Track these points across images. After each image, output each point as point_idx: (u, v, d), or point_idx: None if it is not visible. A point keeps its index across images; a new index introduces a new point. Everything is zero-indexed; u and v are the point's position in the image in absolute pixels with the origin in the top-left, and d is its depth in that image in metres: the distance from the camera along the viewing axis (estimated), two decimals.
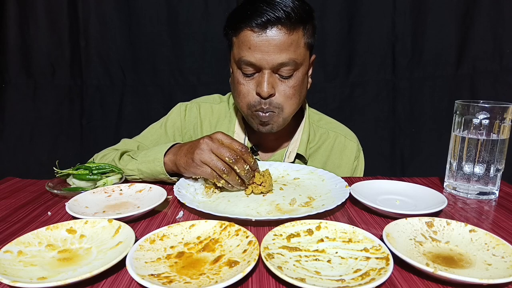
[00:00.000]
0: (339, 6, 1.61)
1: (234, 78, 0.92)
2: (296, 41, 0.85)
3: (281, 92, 0.88)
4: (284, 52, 0.84)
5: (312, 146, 1.05)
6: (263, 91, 0.86)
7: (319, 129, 1.08)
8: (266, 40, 0.83)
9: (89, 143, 1.74)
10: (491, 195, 0.77)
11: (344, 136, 1.08)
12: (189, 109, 1.09)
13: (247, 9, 0.84)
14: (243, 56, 0.85)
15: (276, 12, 0.81)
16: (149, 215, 0.68)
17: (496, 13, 1.54)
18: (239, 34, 0.86)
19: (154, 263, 0.49)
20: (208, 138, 0.75)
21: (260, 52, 0.84)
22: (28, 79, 1.69)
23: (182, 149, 0.79)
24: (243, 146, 0.75)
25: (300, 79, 0.90)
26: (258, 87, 0.87)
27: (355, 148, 1.08)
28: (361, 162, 1.10)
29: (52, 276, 0.46)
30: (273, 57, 0.84)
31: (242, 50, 0.86)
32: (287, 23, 0.82)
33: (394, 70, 1.66)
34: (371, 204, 0.67)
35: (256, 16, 0.82)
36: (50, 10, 1.64)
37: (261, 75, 0.87)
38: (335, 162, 1.06)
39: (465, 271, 0.48)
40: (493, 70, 1.58)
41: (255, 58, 0.84)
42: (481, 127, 0.74)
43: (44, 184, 0.79)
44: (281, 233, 0.56)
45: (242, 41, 0.86)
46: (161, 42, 1.66)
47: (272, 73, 0.87)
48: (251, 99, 0.89)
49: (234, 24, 0.87)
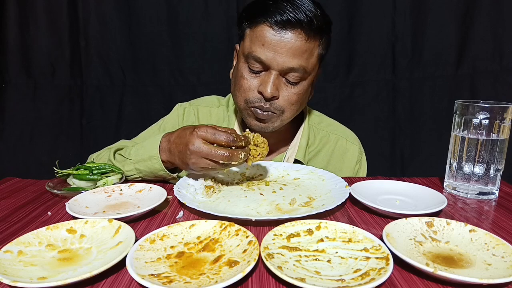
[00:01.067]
0: (339, 6, 1.61)
1: (238, 71, 0.89)
2: (311, 49, 0.83)
3: (284, 97, 0.86)
4: (297, 57, 0.81)
5: (312, 150, 1.03)
6: (267, 92, 0.83)
7: (319, 132, 1.05)
8: (282, 41, 0.80)
9: (89, 143, 1.74)
10: (491, 195, 0.77)
11: (346, 139, 1.06)
12: (187, 113, 1.07)
13: (269, 4, 0.81)
14: (254, 52, 0.83)
15: (299, 14, 0.78)
16: (149, 215, 0.68)
17: (496, 13, 1.54)
18: (255, 28, 0.83)
19: (154, 263, 0.49)
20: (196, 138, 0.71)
21: (273, 51, 0.81)
22: (28, 79, 1.69)
23: (173, 147, 0.77)
24: (227, 133, 0.71)
25: (305, 88, 0.88)
26: (262, 86, 0.84)
27: (357, 151, 1.05)
28: (364, 165, 1.08)
29: (52, 276, 0.46)
30: (285, 60, 0.81)
31: (254, 44, 0.83)
32: (307, 28, 0.80)
33: (394, 70, 1.66)
34: (371, 204, 0.67)
35: (278, 14, 0.79)
36: (50, 10, 1.64)
37: (267, 74, 0.84)
38: (336, 165, 1.04)
39: (465, 271, 0.48)
40: (493, 70, 1.58)
41: (266, 56, 0.82)
42: (481, 127, 0.74)
43: (44, 184, 0.79)
44: (281, 233, 0.56)
45: (256, 35, 0.83)
46: (161, 42, 1.66)
47: (279, 75, 0.84)
48: (251, 95, 0.87)
49: (252, 16, 0.84)
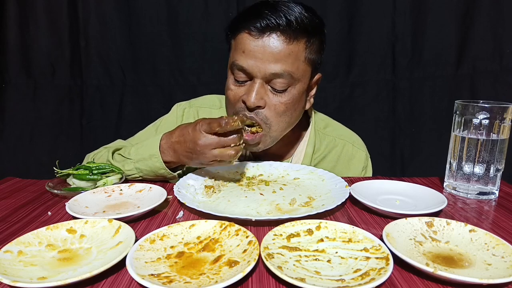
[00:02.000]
0: (339, 6, 1.60)
1: (226, 84, 0.88)
2: (295, 53, 0.80)
3: (270, 106, 0.83)
4: (280, 62, 0.79)
5: (317, 156, 1.01)
6: (249, 101, 0.80)
7: (325, 137, 1.02)
8: (262, 46, 0.78)
9: (89, 143, 1.74)
10: (491, 195, 0.77)
11: (352, 144, 1.04)
12: (187, 114, 1.06)
13: (250, 12, 0.81)
14: (236, 60, 0.82)
15: (277, 18, 0.77)
16: (149, 215, 0.68)
17: (496, 13, 1.53)
18: (237, 37, 0.83)
19: (154, 263, 0.49)
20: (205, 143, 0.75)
21: (254, 58, 0.79)
22: (28, 79, 1.69)
23: (177, 144, 0.79)
24: (219, 123, 0.73)
25: (295, 97, 0.84)
26: (245, 95, 0.82)
27: (363, 157, 1.04)
28: (369, 171, 1.07)
29: (52, 276, 0.46)
30: (267, 66, 0.79)
31: (236, 53, 0.82)
32: (287, 30, 0.78)
33: (394, 70, 1.66)
34: (371, 204, 0.67)
35: (256, 20, 0.78)
36: (50, 10, 1.64)
37: (251, 83, 0.82)
38: (343, 171, 1.02)
39: (465, 271, 0.48)
40: (493, 70, 1.58)
41: (247, 63, 0.80)
42: (481, 127, 0.74)
43: (44, 184, 0.79)
44: (281, 233, 0.56)
45: (238, 44, 0.82)
46: (161, 42, 1.66)
47: (264, 83, 0.82)
48: (237, 105, 0.84)
49: (234, 26, 0.84)
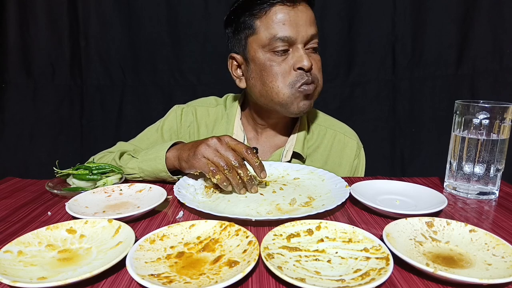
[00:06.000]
0: (339, 6, 1.61)
1: (262, 65, 0.89)
2: (314, 17, 0.91)
3: (314, 65, 0.90)
4: (313, 25, 0.89)
5: (310, 145, 1.04)
6: (307, 64, 0.86)
7: (317, 127, 1.07)
8: (299, 13, 0.87)
9: (89, 143, 1.74)
10: (491, 195, 0.77)
11: (344, 134, 1.07)
12: (185, 113, 1.08)
13: None
14: (277, 33, 0.86)
15: None
16: (149, 215, 0.68)
17: (496, 13, 1.54)
18: (267, 14, 0.87)
19: (154, 263, 0.49)
20: (217, 139, 0.75)
21: (296, 25, 0.86)
22: (28, 79, 1.69)
23: (187, 145, 0.80)
24: (249, 148, 0.75)
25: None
26: (298, 62, 0.87)
27: (355, 146, 1.07)
28: (362, 160, 1.09)
29: (52, 276, 0.46)
30: (307, 30, 0.87)
31: (274, 28, 0.86)
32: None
33: (394, 70, 1.66)
34: (371, 204, 0.67)
35: None
36: (50, 10, 1.64)
37: (295, 50, 0.88)
38: (336, 160, 1.05)
39: (465, 271, 0.48)
40: (493, 70, 1.58)
41: (291, 32, 0.86)
42: (481, 127, 0.74)
43: (44, 184, 0.79)
44: (281, 233, 0.56)
45: (273, 19, 0.86)
46: (161, 42, 1.66)
47: (303, 47, 0.88)
48: (292, 76, 0.88)
49: (258, 5, 0.87)
